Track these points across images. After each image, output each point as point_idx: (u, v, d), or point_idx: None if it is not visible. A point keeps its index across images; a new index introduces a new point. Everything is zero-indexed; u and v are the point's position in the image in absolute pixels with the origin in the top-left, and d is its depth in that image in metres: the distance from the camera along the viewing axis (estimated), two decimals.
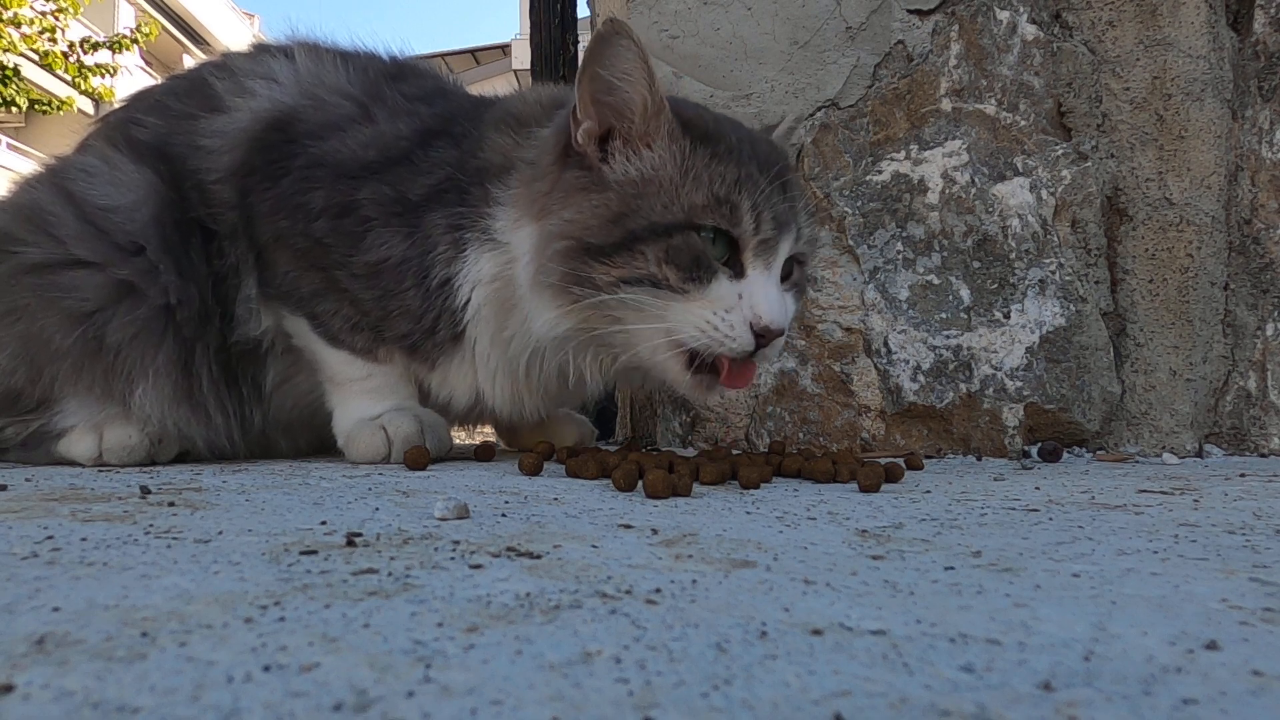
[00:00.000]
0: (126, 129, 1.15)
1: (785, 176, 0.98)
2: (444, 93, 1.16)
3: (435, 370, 1.10)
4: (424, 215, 1.03)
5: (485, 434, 1.57)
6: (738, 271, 0.94)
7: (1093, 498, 0.86)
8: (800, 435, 1.42)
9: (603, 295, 0.93)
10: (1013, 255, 1.41)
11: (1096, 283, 1.42)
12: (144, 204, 1.07)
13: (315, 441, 1.22)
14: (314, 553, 0.52)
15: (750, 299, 0.92)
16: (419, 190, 1.03)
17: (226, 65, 1.16)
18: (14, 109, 7.45)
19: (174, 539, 0.55)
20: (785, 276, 1.00)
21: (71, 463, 1.06)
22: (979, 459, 1.36)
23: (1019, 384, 1.39)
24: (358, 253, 1.04)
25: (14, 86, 7.27)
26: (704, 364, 0.95)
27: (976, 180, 1.42)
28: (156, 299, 1.05)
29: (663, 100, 0.95)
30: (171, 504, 0.70)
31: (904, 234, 1.43)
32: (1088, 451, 1.41)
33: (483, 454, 1.18)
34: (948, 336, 1.40)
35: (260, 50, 1.19)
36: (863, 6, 1.44)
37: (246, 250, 1.09)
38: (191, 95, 1.15)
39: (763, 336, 0.92)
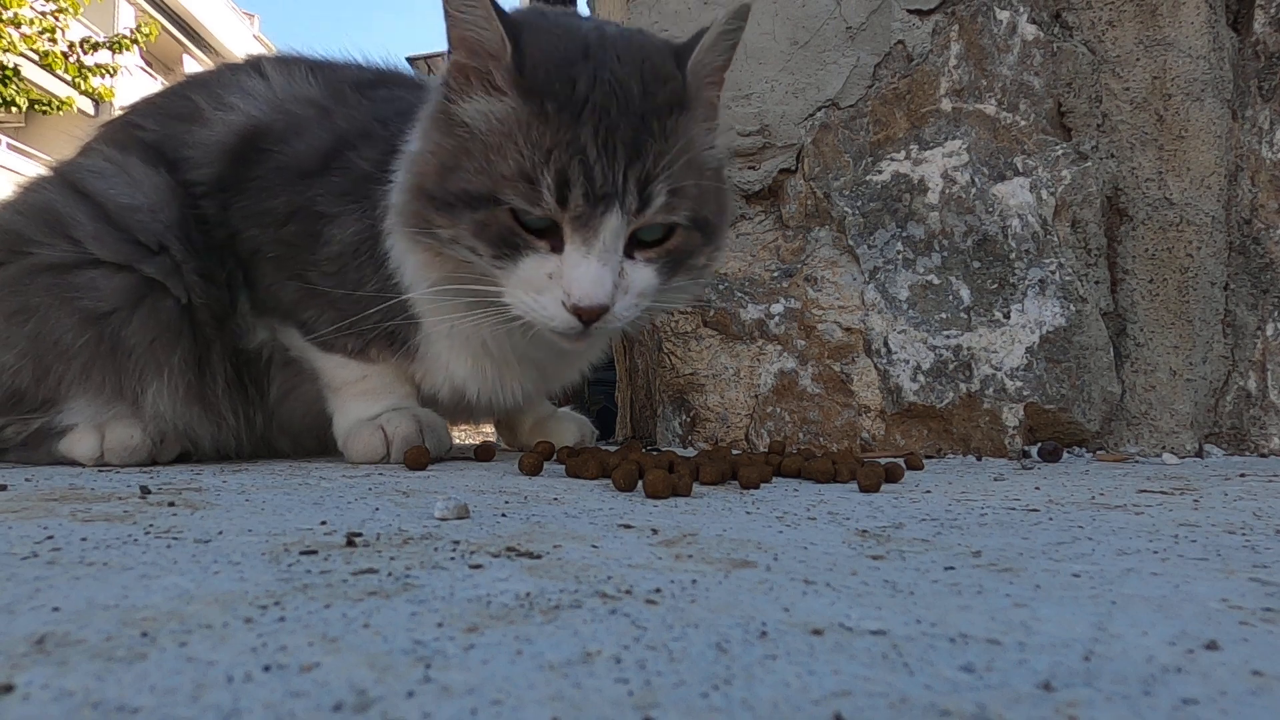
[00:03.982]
0: (132, 132, 1.15)
1: (641, 133, 0.87)
2: (421, 97, 1.15)
3: (416, 362, 1.10)
4: (375, 188, 1.02)
5: (485, 434, 1.57)
6: (557, 246, 0.88)
7: (1093, 498, 0.86)
8: (800, 435, 1.42)
9: (446, 246, 0.91)
10: (1013, 255, 1.41)
11: (1096, 283, 1.42)
12: (168, 203, 1.08)
13: (322, 446, 1.22)
14: (314, 553, 0.52)
15: (561, 278, 0.86)
16: (371, 160, 1.02)
17: (206, 81, 1.19)
18: (14, 109, 7.45)
19: (174, 539, 0.55)
20: (655, 243, 0.91)
21: (72, 462, 1.06)
22: (979, 459, 1.36)
23: (1019, 384, 1.39)
24: (320, 248, 1.04)
25: (14, 86, 7.27)
26: None
27: (976, 180, 1.42)
28: (178, 299, 1.06)
29: (504, 43, 0.87)
30: (171, 504, 0.70)
31: (904, 234, 1.43)
32: (1088, 451, 1.41)
33: (483, 454, 1.18)
34: (948, 336, 1.40)
35: (240, 66, 1.21)
36: (863, 6, 1.44)
37: (235, 266, 1.10)
38: (180, 104, 1.16)
39: (579, 316, 0.87)
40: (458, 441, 1.37)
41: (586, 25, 0.96)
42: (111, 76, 7.68)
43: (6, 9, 6.97)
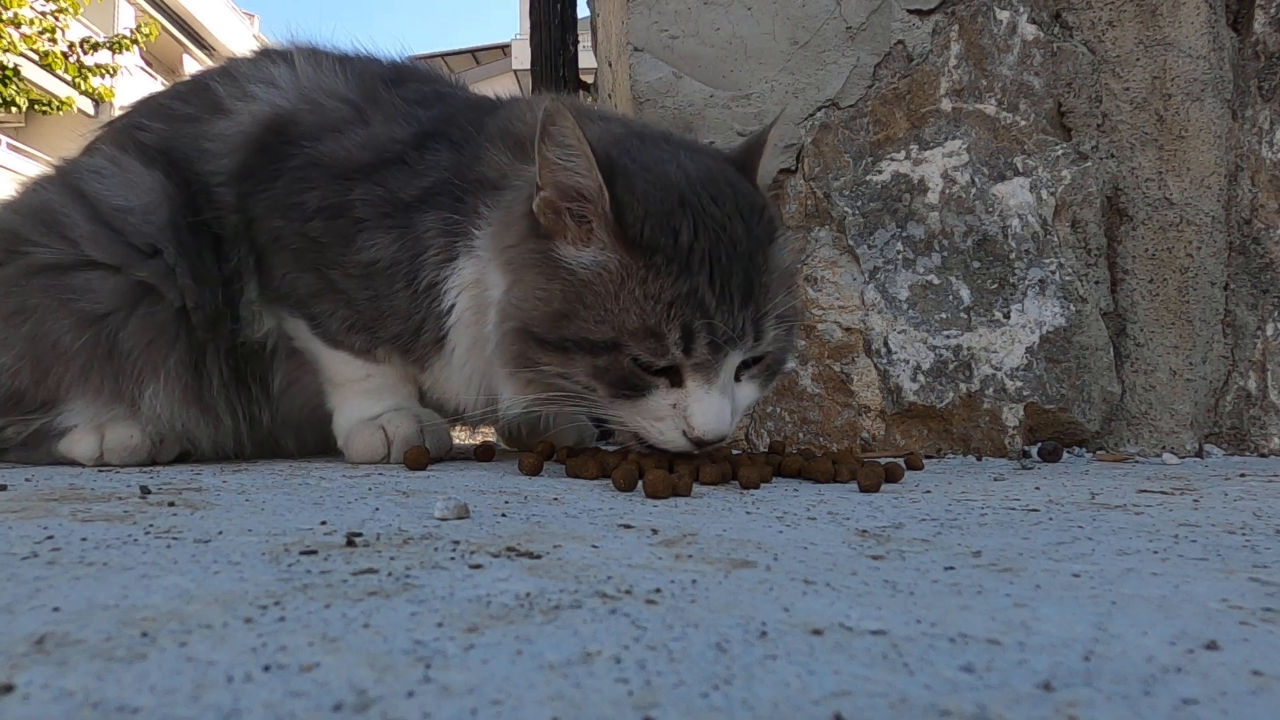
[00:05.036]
0: (133, 133, 1.15)
1: (750, 272, 0.91)
2: (442, 96, 1.15)
3: (426, 372, 1.10)
4: (415, 217, 1.02)
5: (485, 434, 1.57)
6: (676, 381, 0.90)
7: (1093, 498, 0.86)
8: (800, 435, 1.42)
9: (549, 378, 0.93)
10: (1013, 255, 1.41)
11: (1096, 283, 1.42)
12: (160, 206, 1.08)
13: (322, 441, 1.22)
14: (314, 553, 0.52)
15: (685, 410, 0.89)
16: (412, 191, 1.03)
17: (228, 70, 1.17)
18: (14, 109, 7.46)
19: (174, 539, 0.55)
20: (756, 360, 0.96)
21: (72, 463, 1.06)
22: (979, 459, 1.36)
23: (1019, 384, 1.39)
24: (350, 252, 1.04)
25: (14, 86, 7.27)
26: None
27: (976, 180, 1.42)
28: (173, 302, 1.06)
29: (601, 191, 0.88)
30: (171, 504, 0.70)
31: (904, 234, 1.43)
32: (1088, 451, 1.41)
33: (483, 454, 1.18)
34: (948, 336, 1.40)
35: (261, 55, 1.20)
36: (863, 6, 1.44)
37: (247, 253, 1.10)
38: (195, 99, 1.15)
39: (699, 444, 0.90)
40: (457, 442, 1.37)
41: (668, 164, 0.95)
42: (111, 76, 7.67)
43: (6, 9, 6.97)
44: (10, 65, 7.19)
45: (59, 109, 7.88)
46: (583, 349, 0.90)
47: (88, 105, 9.30)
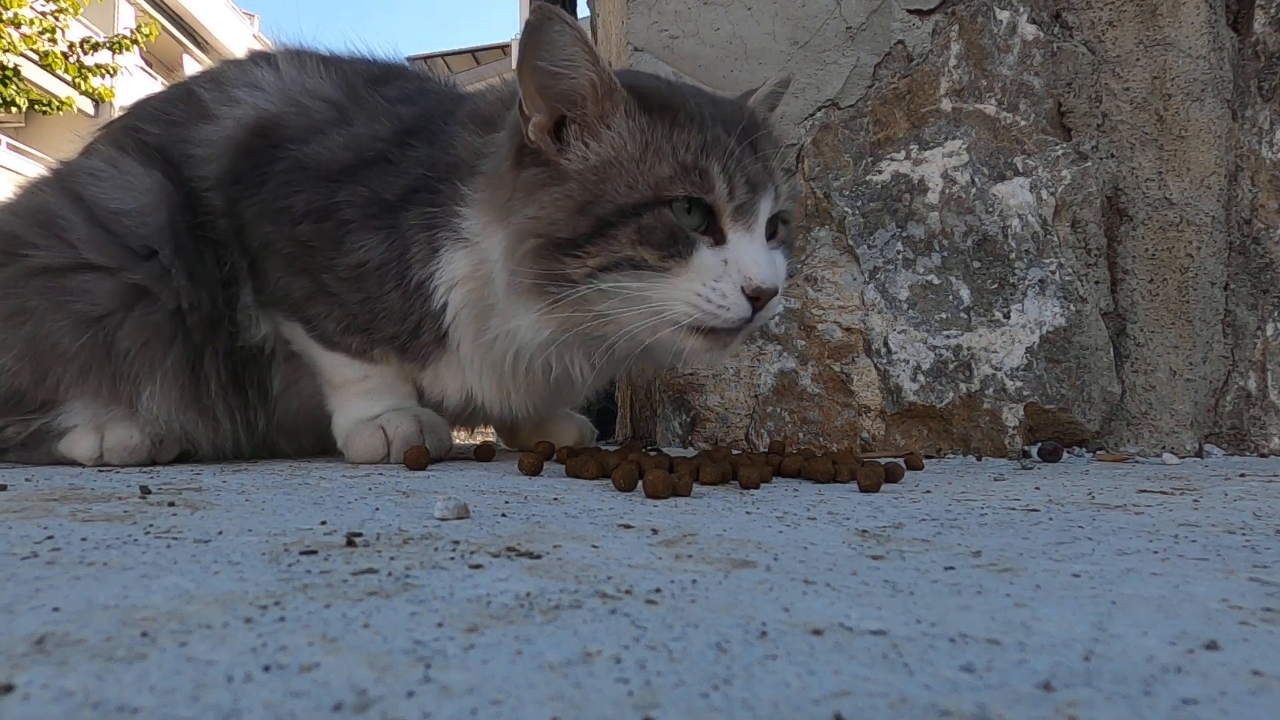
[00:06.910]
0: (132, 134, 1.15)
1: (754, 135, 0.95)
2: (426, 93, 1.15)
3: (426, 370, 1.10)
4: (400, 216, 1.02)
5: (485, 434, 1.57)
6: (718, 238, 0.90)
7: (1093, 498, 0.86)
8: (800, 435, 1.42)
9: (580, 289, 0.90)
10: (1013, 255, 1.41)
11: (1096, 283, 1.42)
12: (157, 208, 1.07)
13: (319, 444, 1.22)
14: (314, 553, 0.52)
15: (737, 262, 0.89)
16: (395, 191, 1.03)
17: (215, 75, 1.18)
18: (14, 109, 7.45)
19: (174, 539, 0.55)
20: (770, 235, 0.97)
21: (72, 463, 1.06)
22: (979, 459, 1.36)
23: (1019, 384, 1.39)
24: (339, 255, 1.04)
25: (14, 86, 7.27)
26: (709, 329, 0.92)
27: (976, 180, 1.42)
28: (168, 304, 1.05)
29: (611, 78, 0.91)
30: (171, 504, 0.70)
31: (904, 234, 1.43)
32: (1088, 451, 1.41)
33: (483, 454, 1.18)
34: (948, 336, 1.40)
35: (248, 59, 1.20)
36: (863, 6, 1.44)
37: (240, 258, 1.10)
38: (183, 105, 1.15)
39: (757, 298, 0.89)
40: (457, 441, 1.37)
41: (637, 71, 1.07)
42: (111, 76, 7.67)
43: (6, 9, 6.97)
44: (10, 65, 7.19)
45: (59, 109, 7.88)
46: (623, 217, 0.89)
47: (88, 105, 9.30)
